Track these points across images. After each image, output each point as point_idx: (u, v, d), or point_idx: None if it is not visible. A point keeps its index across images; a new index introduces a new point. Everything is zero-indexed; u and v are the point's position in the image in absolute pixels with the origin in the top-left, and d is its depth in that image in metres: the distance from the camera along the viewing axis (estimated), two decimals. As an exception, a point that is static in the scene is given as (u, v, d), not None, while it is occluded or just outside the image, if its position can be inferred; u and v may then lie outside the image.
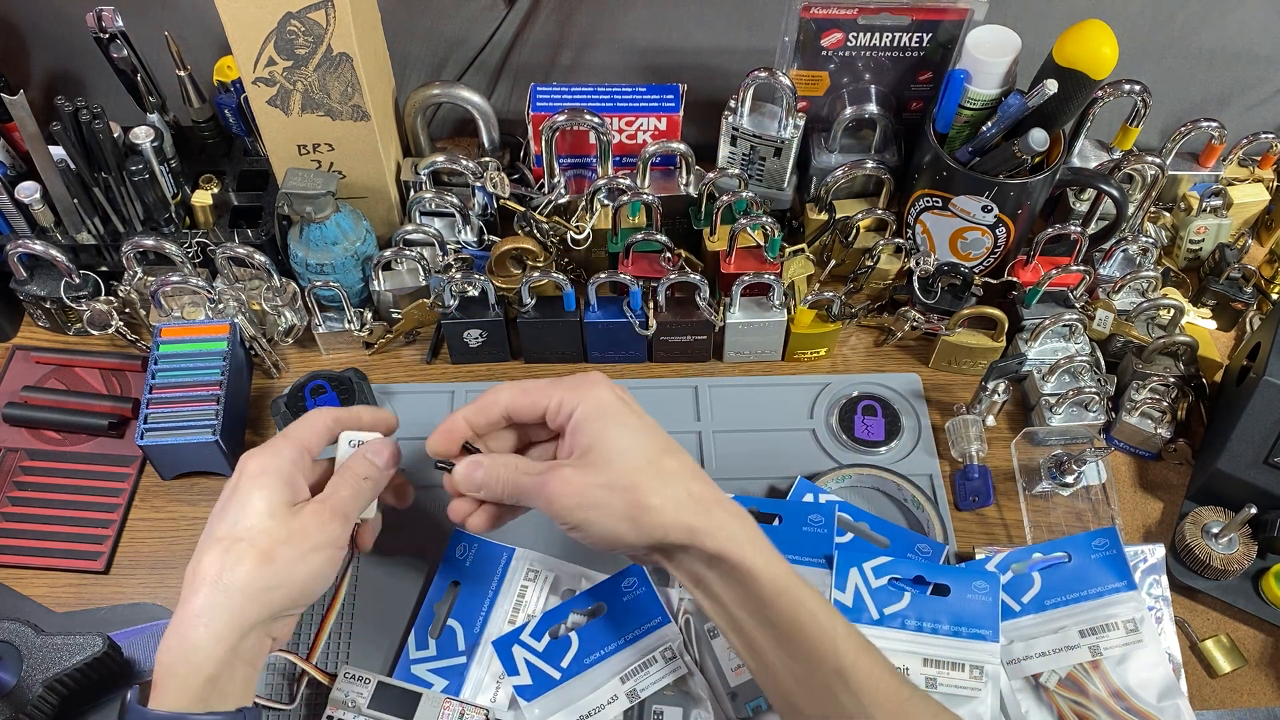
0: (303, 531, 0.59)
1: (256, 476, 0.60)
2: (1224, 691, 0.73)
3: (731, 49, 0.92)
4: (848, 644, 0.57)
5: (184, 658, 0.56)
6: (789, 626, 0.57)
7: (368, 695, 0.68)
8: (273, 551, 0.58)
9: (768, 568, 0.58)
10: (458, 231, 0.88)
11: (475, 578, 0.74)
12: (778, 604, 0.57)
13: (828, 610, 0.58)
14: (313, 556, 0.59)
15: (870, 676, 0.56)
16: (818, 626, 0.57)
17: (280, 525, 0.58)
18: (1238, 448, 0.77)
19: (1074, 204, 0.90)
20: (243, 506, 0.59)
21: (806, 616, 0.57)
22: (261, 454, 0.61)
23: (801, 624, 0.57)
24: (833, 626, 0.57)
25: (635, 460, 0.59)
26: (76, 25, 0.85)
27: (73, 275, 0.83)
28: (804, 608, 0.57)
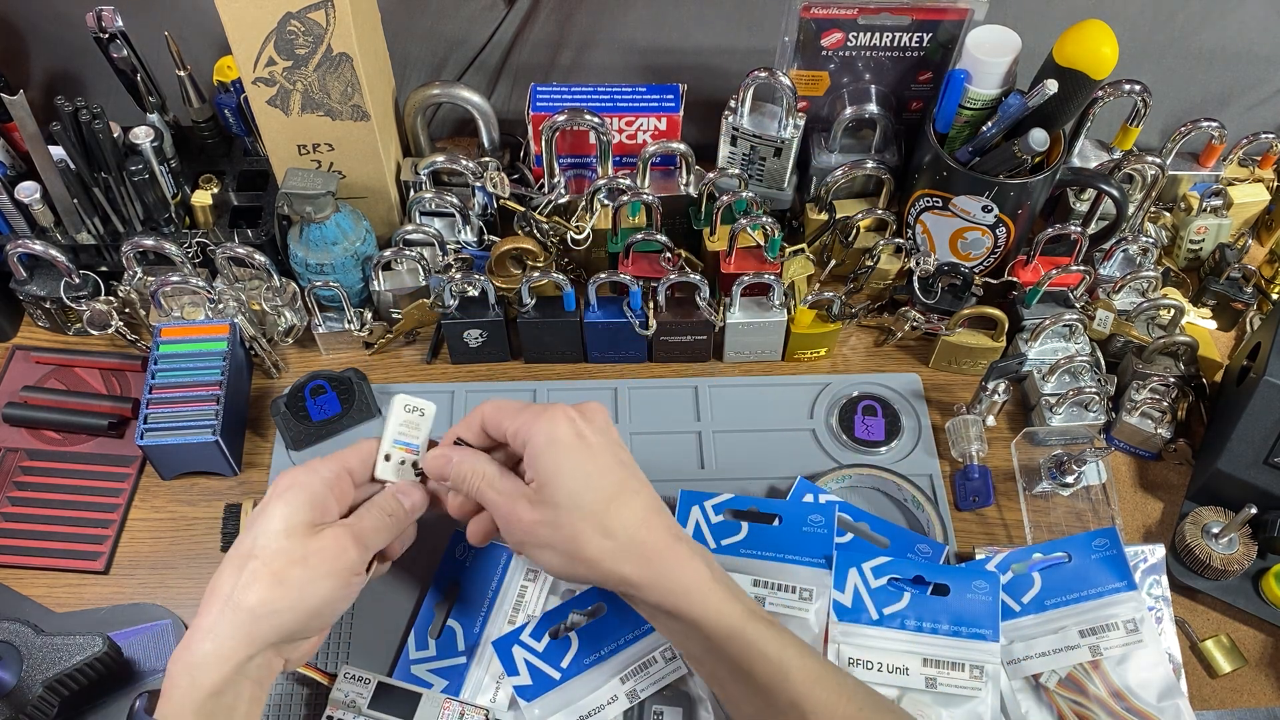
0: (319, 555, 0.58)
1: (283, 493, 0.59)
2: (1224, 691, 0.73)
3: (731, 49, 0.92)
4: (801, 676, 0.57)
5: (188, 671, 0.56)
6: (740, 666, 0.58)
7: (368, 695, 0.68)
8: (285, 573, 0.57)
9: (710, 615, 0.57)
10: (458, 231, 0.88)
11: (475, 578, 0.74)
12: (726, 648, 0.58)
13: (779, 644, 0.57)
14: (325, 581, 0.58)
15: (825, 707, 0.56)
16: (768, 664, 0.57)
17: (296, 546, 0.58)
18: (1238, 448, 0.77)
19: (1074, 204, 0.90)
20: (264, 523, 0.58)
21: (756, 656, 0.57)
22: (296, 470, 0.60)
23: (752, 663, 0.57)
24: (783, 661, 0.57)
25: (582, 504, 0.58)
26: (76, 25, 0.85)
27: (73, 275, 0.83)
28: (753, 649, 0.57)
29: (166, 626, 0.73)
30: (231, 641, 0.56)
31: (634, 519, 0.59)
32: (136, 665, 0.72)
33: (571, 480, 0.58)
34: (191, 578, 0.77)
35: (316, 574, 0.58)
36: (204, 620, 0.57)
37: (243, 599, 0.56)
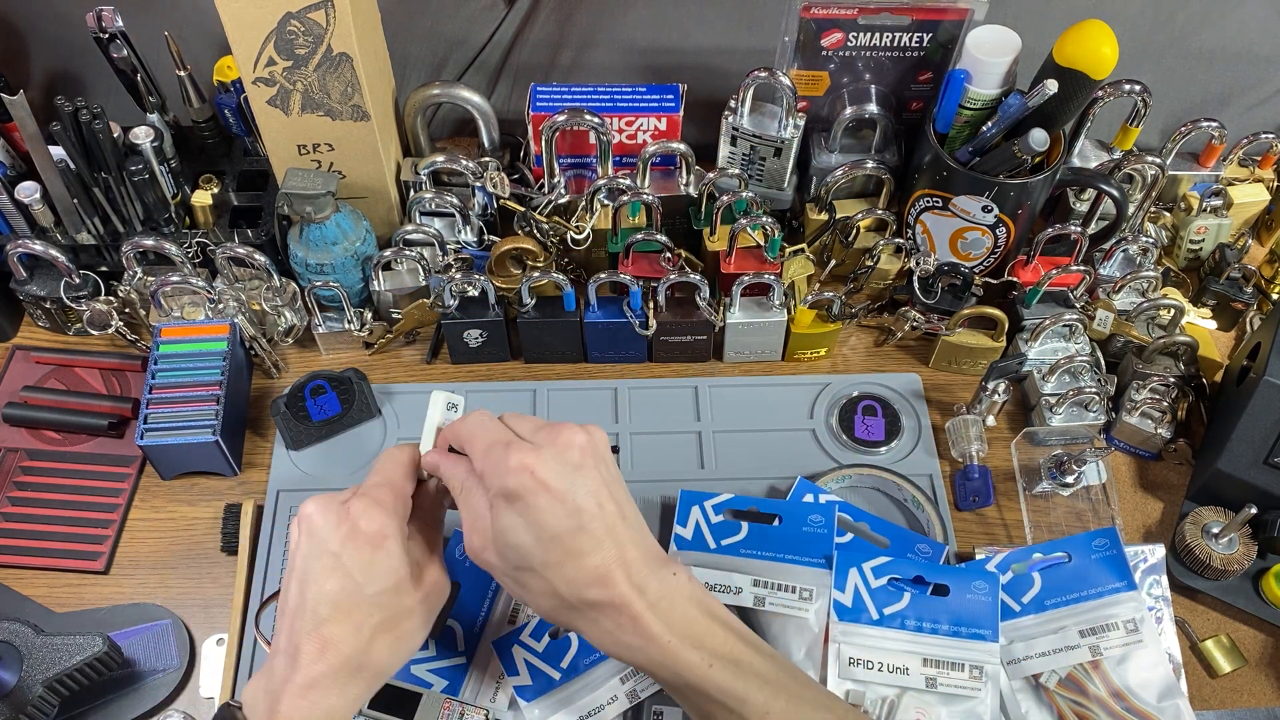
0: (426, 602, 0.58)
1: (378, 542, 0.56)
2: (1224, 691, 0.73)
3: (731, 49, 0.92)
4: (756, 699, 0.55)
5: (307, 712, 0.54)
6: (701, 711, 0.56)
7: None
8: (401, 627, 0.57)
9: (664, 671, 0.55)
10: (458, 231, 0.88)
11: (475, 578, 0.74)
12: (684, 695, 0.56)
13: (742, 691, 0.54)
14: (424, 630, 0.59)
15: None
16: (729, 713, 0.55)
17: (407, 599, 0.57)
18: (1238, 448, 0.77)
19: (1074, 204, 0.90)
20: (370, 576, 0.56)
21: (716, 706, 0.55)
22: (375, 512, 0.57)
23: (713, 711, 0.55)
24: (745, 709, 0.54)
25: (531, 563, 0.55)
26: (76, 25, 0.85)
27: (73, 275, 0.83)
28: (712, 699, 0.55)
29: (166, 626, 0.73)
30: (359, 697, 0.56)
31: (584, 579, 0.55)
32: (136, 665, 0.72)
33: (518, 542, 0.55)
34: (191, 578, 0.77)
35: (421, 623, 0.59)
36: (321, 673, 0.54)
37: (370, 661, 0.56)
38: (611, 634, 0.55)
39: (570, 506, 0.54)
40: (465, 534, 0.59)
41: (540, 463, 0.55)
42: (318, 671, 0.54)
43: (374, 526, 0.57)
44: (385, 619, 0.56)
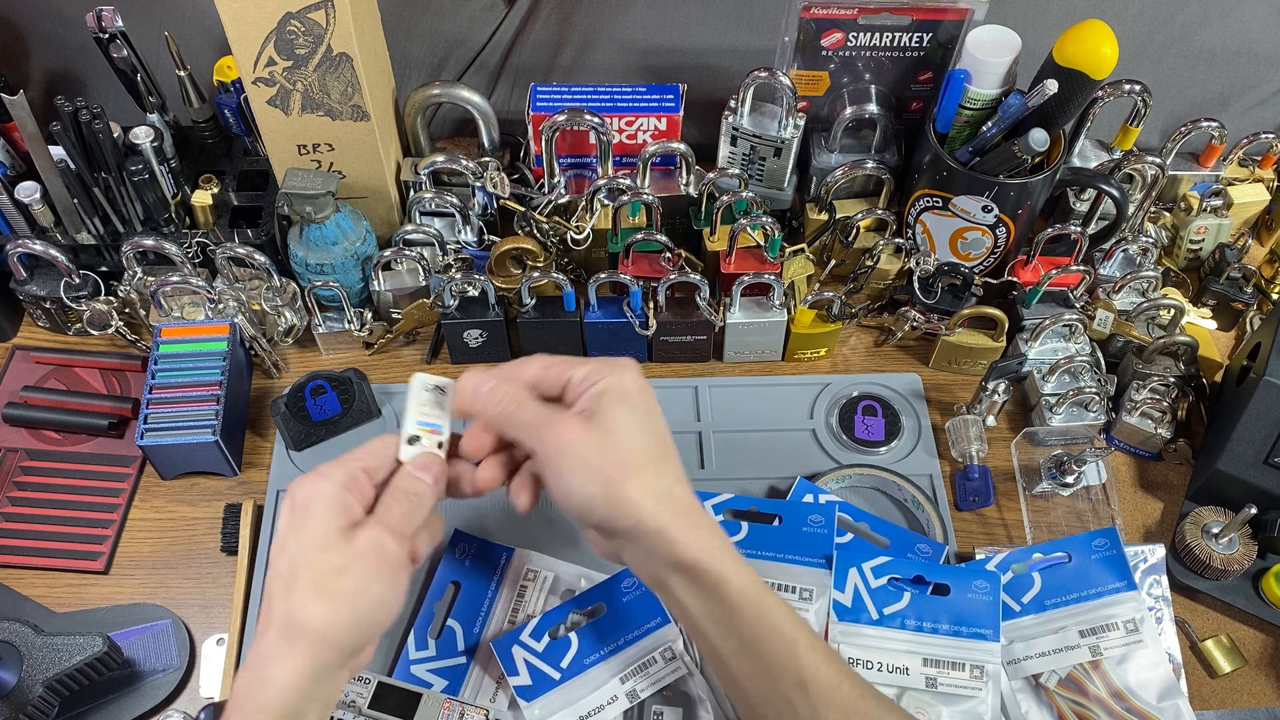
0: (361, 559, 0.56)
1: (305, 506, 0.57)
2: (1224, 691, 0.73)
3: (731, 49, 0.92)
4: (810, 656, 0.57)
5: (254, 695, 0.54)
6: (753, 638, 0.57)
7: (368, 695, 0.68)
8: (333, 587, 0.55)
9: (737, 577, 0.57)
10: (458, 231, 0.88)
11: (475, 578, 0.74)
12: (743, 614, 0.57)
13: (793, 622, 0.57)
14: (374, 585, 0.56)
15: (829, 688, 0.56)
16: (782, 639, 0.57)
17: (335, 556, 0.56)
18: (1238, 448, 0.77)
19: (1074, 204, 0.90)
20: (296, 541, 0.56)
21: (771, 628, 0.57)
22: (309, 479, 0.58)
23: (765, 636, 0.57)
24: (795, 638, 0.57)
25: (635, 443, 0.58)
26: (76, 25, 0.85)
27: (73, 275, 0.83)
28: (768, 620, 0.57)
29: (166, 626, 0.73)
30: (295, 663, 0.54)
31: (674, 474, 0.59)
32: (136, 665, 0.72)
33: (632, 421, 0.58)
34: (191, 578, 0.77)
35: (364, 579, 0.56)
36: (264, 645, 0.55)
37: (304, 623, 0.55)
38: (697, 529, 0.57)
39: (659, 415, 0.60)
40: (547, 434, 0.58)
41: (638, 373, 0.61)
42: (261, 645, 0.55)
43: (303, 493, 0.57)
44: (314, 579, 0.55)
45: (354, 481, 0.58)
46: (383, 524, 0.57)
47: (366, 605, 0.56)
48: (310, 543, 0.56)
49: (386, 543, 0.57)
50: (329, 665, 0.55)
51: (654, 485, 0.57)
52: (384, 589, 0.56)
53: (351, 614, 0.55)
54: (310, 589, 0.55)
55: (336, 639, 0.55)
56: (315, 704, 0.56)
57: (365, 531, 0.57)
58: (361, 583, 0.55)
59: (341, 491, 0.57)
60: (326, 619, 0.55)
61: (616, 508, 0.57)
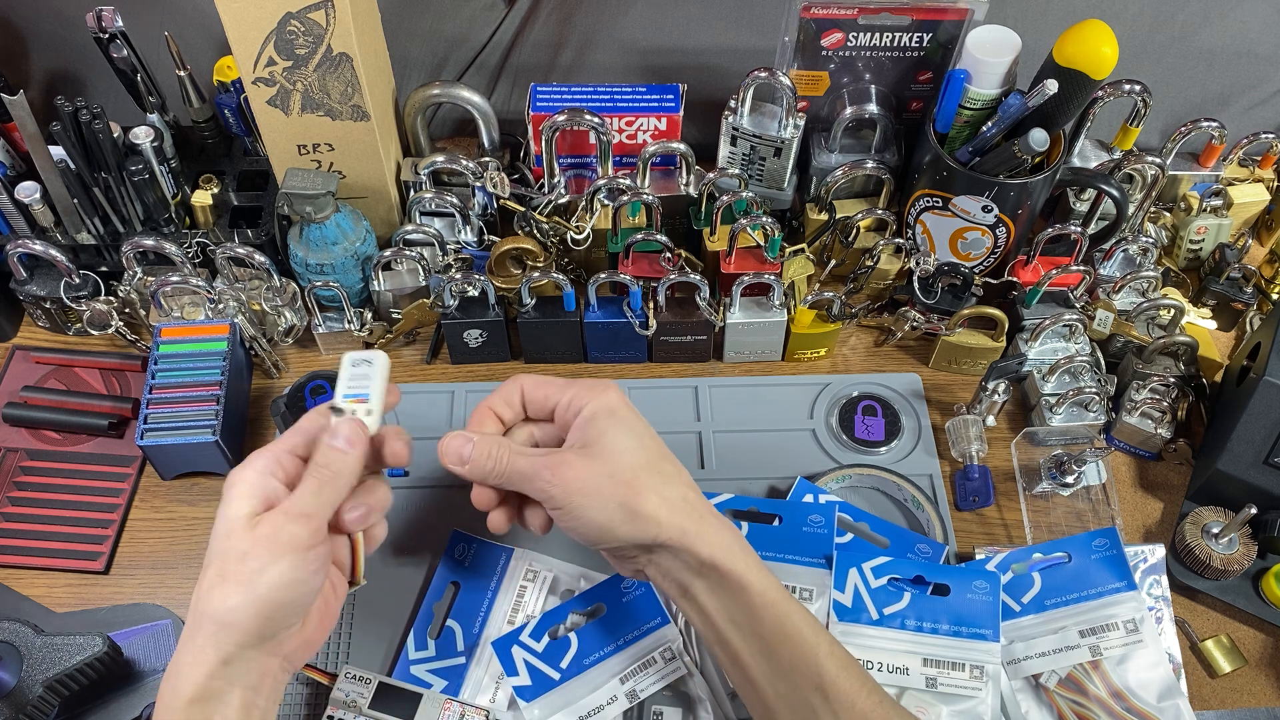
0: (259, 543, 0.56)
1: (226, 494, 0.58)
2: (1224, 691, 0.73)
3: (731, 49, 0.92)
4: (830, 661, 0.57)
5: (169, 679, 0.55)
6: (775, 640, 0.57)
7: (369, 695, 0.68)
8: (232, 571, 0.55)
9: (758, 580, 0.58)
10: (458, 231, 0.88)
11: (474, 578, 0.74)
12: (765, 616, 0.58)
13: (813, 626, 0.58)
14: (274, 567, 0.55)
15: (849, 695, 0.57)
16: (803, 641, 0.57)
17: (237, 541, 0.56)
18: (1238, 448, 0.77)
19: (1074, 204, 0.90)
20: (216, 529, 0.57)
21: (792, 630, 0.57)
22: (238, 468, 0.58)
23: (787, 637, 0.57)
24: (817, 642, 0.57)
25: (638, 459, 0.60)
26: (76, 25, 0.85)
27: (73, 275, 0.83)
28: (790, 622, 0.57)
29: (166, 626, 0.73)
30: (201, 648, 0.55)
31: (682, 478, 0.61)
32: (136, 665, 0.72)
33: (625, 439, 0.60)
34: (191, 578, 0.77)
35: (262, 562, 0.55)
36: (186, 627, 0.56)
37: (205, 605, 0.55)
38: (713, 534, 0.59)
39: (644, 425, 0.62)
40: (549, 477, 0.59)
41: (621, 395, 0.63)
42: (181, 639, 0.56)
43: (228, 482, 0.58)
44: (219, 566, 0.55)
45: (277, 464, 0.59)
46: (283, 506, 0.57)
47: (266, 587, 0.55)
48: (221, 531, 0.57)
49: (284, 525, 0.56)
50: (238, 648, 0.55)
51: (668, 494, 0.59)
52: (285, 570, 0.56)
53: (252, 598, 0.55)
54: (216, 576, 0.56)
55: (237, 622, 0.55)
56: (235, 687, 0.55)
57: (267, 517, 0.57)
58: (259, 566, 0.55)
59: (261, 477, 0.58)
60: (224, 602, 0.55)
61: (637, 524, 0.58)
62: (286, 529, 0.56)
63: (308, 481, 0.58)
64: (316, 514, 0.57)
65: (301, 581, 0.56)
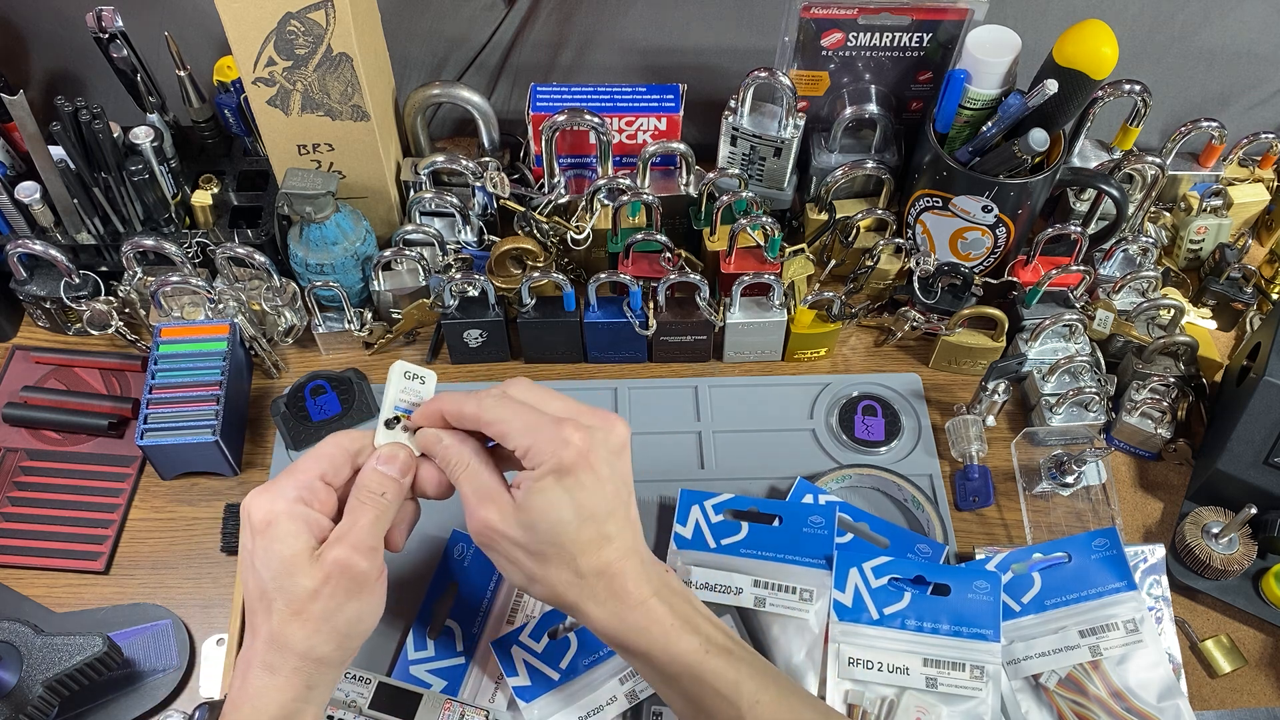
0: (329, 583, 0.56)
1: (266, 526, 0.56)
2: (1224, 691, 0.73)
3: (731, 49, 0.92)
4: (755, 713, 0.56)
5: (248, 701, 0.55)
6: (695, 701, 0.57)
7: (369, 695, 0.68)
8: (308, 611, 0.55)
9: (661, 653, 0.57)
10: (458, 231, 0.88)
11: (473, 578, 0.74)
12: (679, 683, 0.57)
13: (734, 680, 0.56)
14: (349, 603, 0.56)
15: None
16: (722, 700, 0.56)
17: (303, 579, 0.55)
18: (1238, 448, 0.77)
19: (1074, 204, 0.90)
20: (266, 562, 0.56)
21: (709, 692, 0.56)
22: (263, 497, 0.57)
23: (705, 699, 0.57)
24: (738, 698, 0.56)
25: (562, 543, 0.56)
26: (76, 25, 0.85)
27: (73, 275, 0.83)
28: (705, 685, 0.56)
29: (166, 626, 0.73)
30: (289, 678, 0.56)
31: (604, 562, 0.57)
32: (136, 665, 0.72)
33: (558, 518, 0.56)
34: (191, 578, 0.77)
35: (336, 601, 0.56)
36: (254, 655, 0.56)
37: (287, 643, 0.55)
38: (618, 614, 0.57)
39: (610, 490, 0.57)
40: (473, 510, 0.58)
41: (593, 444, 0.57)
42: (251, 654, 0.56)
43: (260, 513, 0.57)
44: (289, 602, 0.55)
45: (310, 493, 0.58)
46: (347, 541, 0.57)
47: (345, 623, 0.56)
48: (277, 567, 0.56)
49: (355, 561, 0.56)
50: (319, 675, 0.56)
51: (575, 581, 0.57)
52: (359, 605, 0.57)
53: (330, 634, 0.56)
54: (288, 612, 0.55)
55: (321, 655, 0.56)
56: (312, 706, 0.57)
57: (332, 550, 0.56)
58: (335, 604, 0.56)
59: (299, 507, 0.57)
60: (307, 640, 0.56)
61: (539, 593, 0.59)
62: (357, 565, 0.56)
63: (365, 512, 0.58)
64: (379, 546, 0.58)
65: (372, 613, 0.58)
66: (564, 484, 0.56)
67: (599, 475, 0.57)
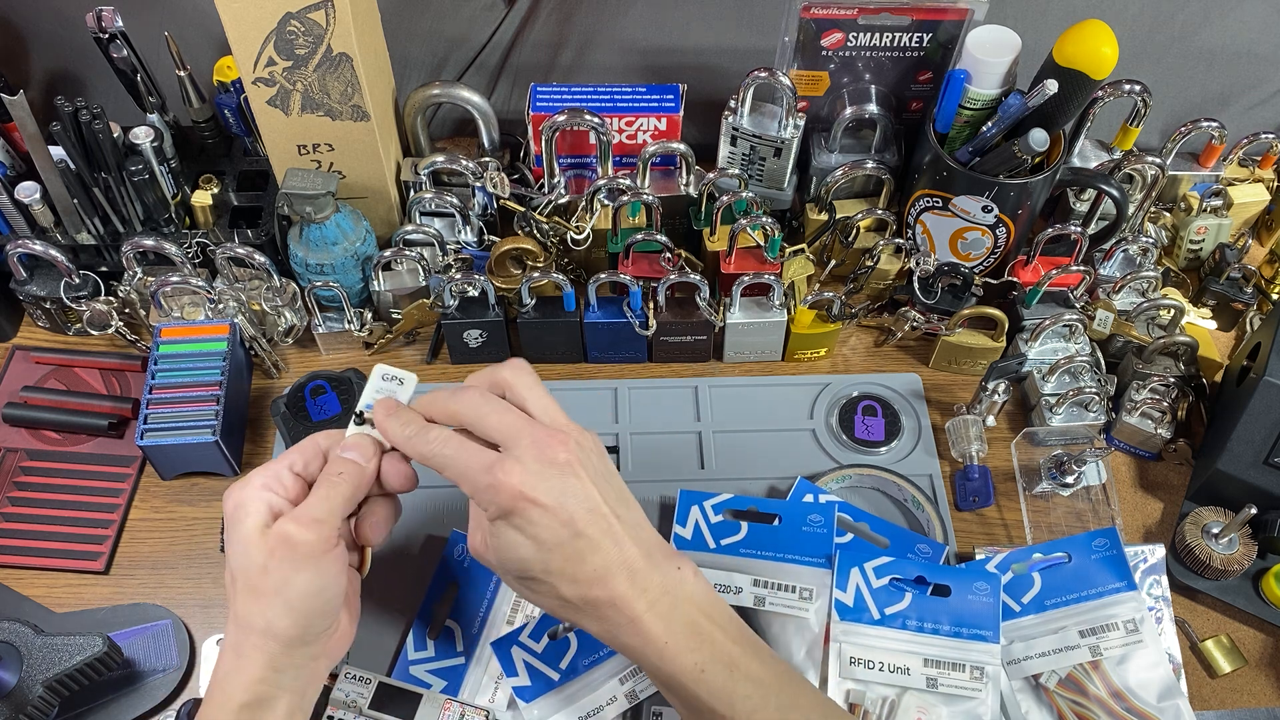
0: (275, 554, 0.56)
1: (234, 512, 0.58)
2: (1224, 692, 0.73)
3: (731, 49, 0.92)
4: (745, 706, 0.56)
5: (219, 686, 0.57)
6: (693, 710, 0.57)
7: (369, 695, 0.68)
8: (255, 583, 0.56)
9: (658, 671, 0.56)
10: (458, 231, 0.88)
11: (473, 578, 0.74)
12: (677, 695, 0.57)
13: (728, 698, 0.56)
14: (296, 578, 0.56)
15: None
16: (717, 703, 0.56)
17: (255, 555, 0.57)
18: (1238, 448, 0.77)
19: (1074, 204, 0.90)
20: (231, 546, 0.58)
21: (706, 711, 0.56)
22: (236, 487, 0.59)
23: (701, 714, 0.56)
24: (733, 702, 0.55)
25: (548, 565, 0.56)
26: (76, 25, 0.85)
27: (73, 275, 0.83)
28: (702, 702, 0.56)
29: (166, 626, 0.73)
30: (250, 658, 0.56)
31: (585, 585, 0.56)
32: (136, 665, 0.72)
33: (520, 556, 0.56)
34: (191, 578, 0.77)
35: (283, 574, 0.56)
36: (229, 637, 0.58)
37: (245, 619, 0.57)
38: (611, 632, 0.57)
39: (564, 517, 0.55)
40: (470, 533, 0.59)
41: (527, 480, 0.54)
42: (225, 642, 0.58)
43: (230, 504, 0.58)
44: (246, 580, 0.57)
45: (277, 481, 0.59)
46: (294, 514, 0.57)
47: (296, 597, 0.56)
48: (238, 548, 0.57)
49: (295, 532, 0.56)
50: (284, 655, 0.57)
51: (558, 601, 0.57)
52: (308, 579, 0.57)
53: (284, 609, 0.56)
54: (246, 590, 0.57)
55: (278, 632, 0.56)
56: (285, 692, 0.57)
57: (277, 526, 0.57)
58: (282, 577, 0.56)
59: (262, 492, 0.58)
60: (263, 615, 0.56)
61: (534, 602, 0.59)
62: (298, 536, 0.57)
63: (317, 489, 0.59)
64: (327, 520, 0.58)
65: (325, 588, 0.58)
66: (514, 524, 0.55)
67: (546, 508, 0.54)
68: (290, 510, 0.58)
